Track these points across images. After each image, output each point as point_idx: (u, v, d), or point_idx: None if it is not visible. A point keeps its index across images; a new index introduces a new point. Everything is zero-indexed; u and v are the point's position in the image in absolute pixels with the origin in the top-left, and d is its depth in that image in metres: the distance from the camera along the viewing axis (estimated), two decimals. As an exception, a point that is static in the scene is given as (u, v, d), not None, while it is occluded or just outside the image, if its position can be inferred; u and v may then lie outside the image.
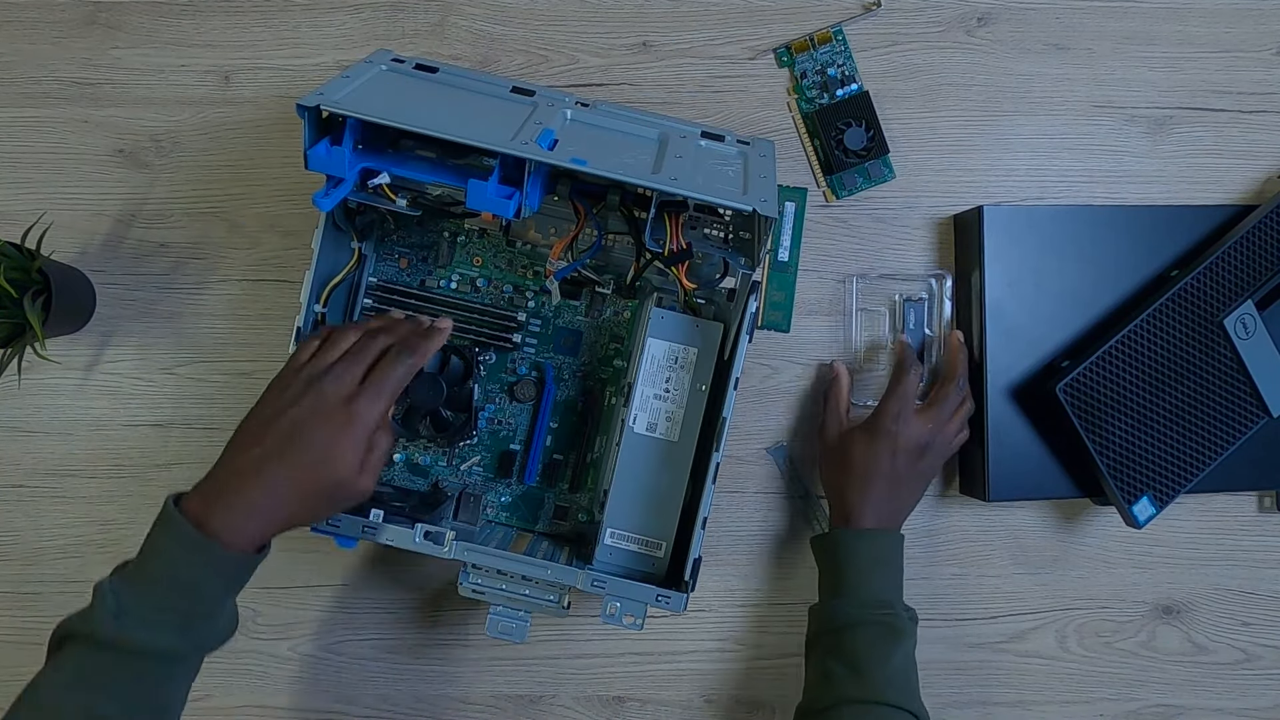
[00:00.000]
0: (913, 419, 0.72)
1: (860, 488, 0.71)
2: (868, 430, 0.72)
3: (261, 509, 0.57)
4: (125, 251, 0.79)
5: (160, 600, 0.56)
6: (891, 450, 0.71)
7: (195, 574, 0.56)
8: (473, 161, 0.64)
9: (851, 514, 0.71)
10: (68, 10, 0.79)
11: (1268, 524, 0.81)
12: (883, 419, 0.72)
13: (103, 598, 0.55)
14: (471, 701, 0.78)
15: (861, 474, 0.71)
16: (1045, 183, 0.81)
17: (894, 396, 0.72)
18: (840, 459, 0.73)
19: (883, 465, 0.71)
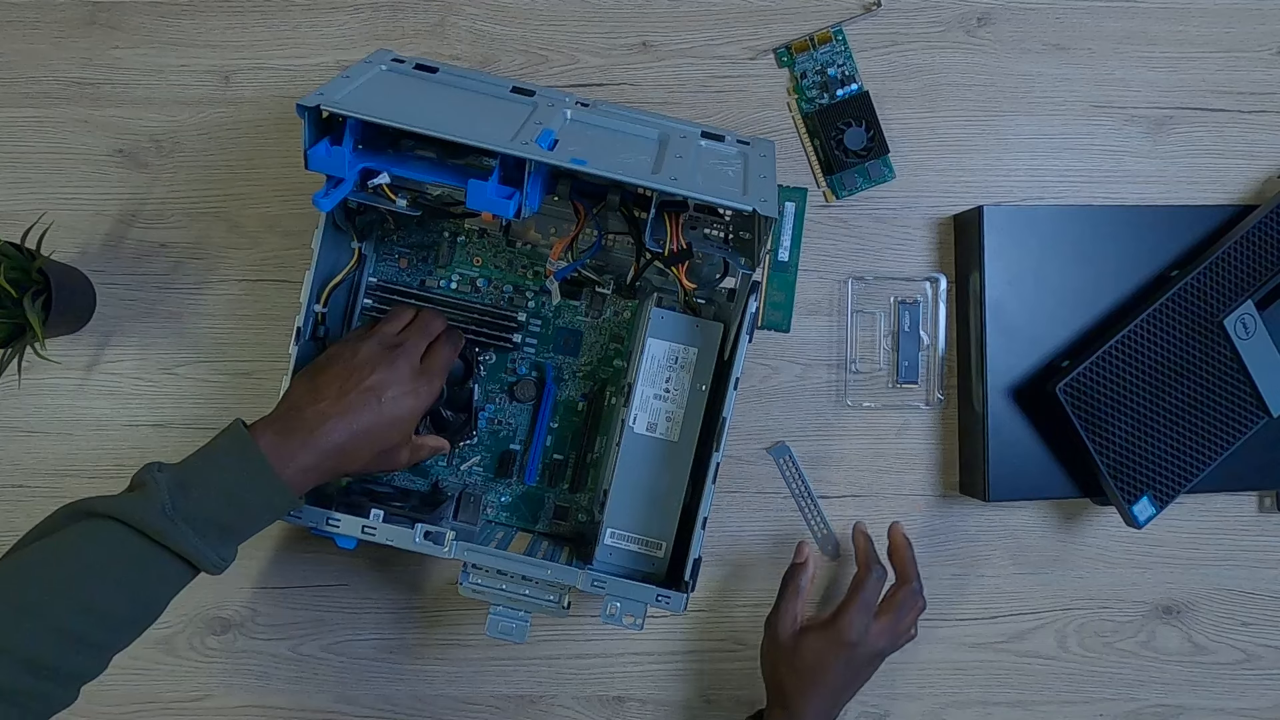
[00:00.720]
0: (874, 631, 0.70)
1: (807, 691, 0.69)
2: (826, 637, 0.69)
3: (329, 459, 0.61)
4: (125, 251, 0.79)
5: (215, 513, 0.57)
6: (848, 661, 0.69)
7: (255, 501, 0.59)
8: (473, 161, 0.64)
9: (793, 715, 0.69)
10: (68, 10, 0.79)
11: (1268, 524, 0.81)
12: (845, 630, 0.69)
13: (156, 490, 0.56)
14: (471, 701, 0.78)
15: (812, 679, 0.69)
16: (1045, 183, 0.81)
17: (857, 607, 0.70)
18: (790, 658, 0.70)
19: (836, 674, 0.69)
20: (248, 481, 0.58)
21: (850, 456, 0.80)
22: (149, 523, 0.55)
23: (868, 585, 0.70)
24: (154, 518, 0.55)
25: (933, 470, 0.80)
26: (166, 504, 0.55)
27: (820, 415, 0.80)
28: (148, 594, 0.57)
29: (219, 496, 0.57)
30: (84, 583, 0.54)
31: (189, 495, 0.57)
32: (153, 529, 0.55)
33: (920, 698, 0.80)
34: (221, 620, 0.78)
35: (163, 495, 0.56)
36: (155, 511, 0.55)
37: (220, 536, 0.58)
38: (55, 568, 0.54)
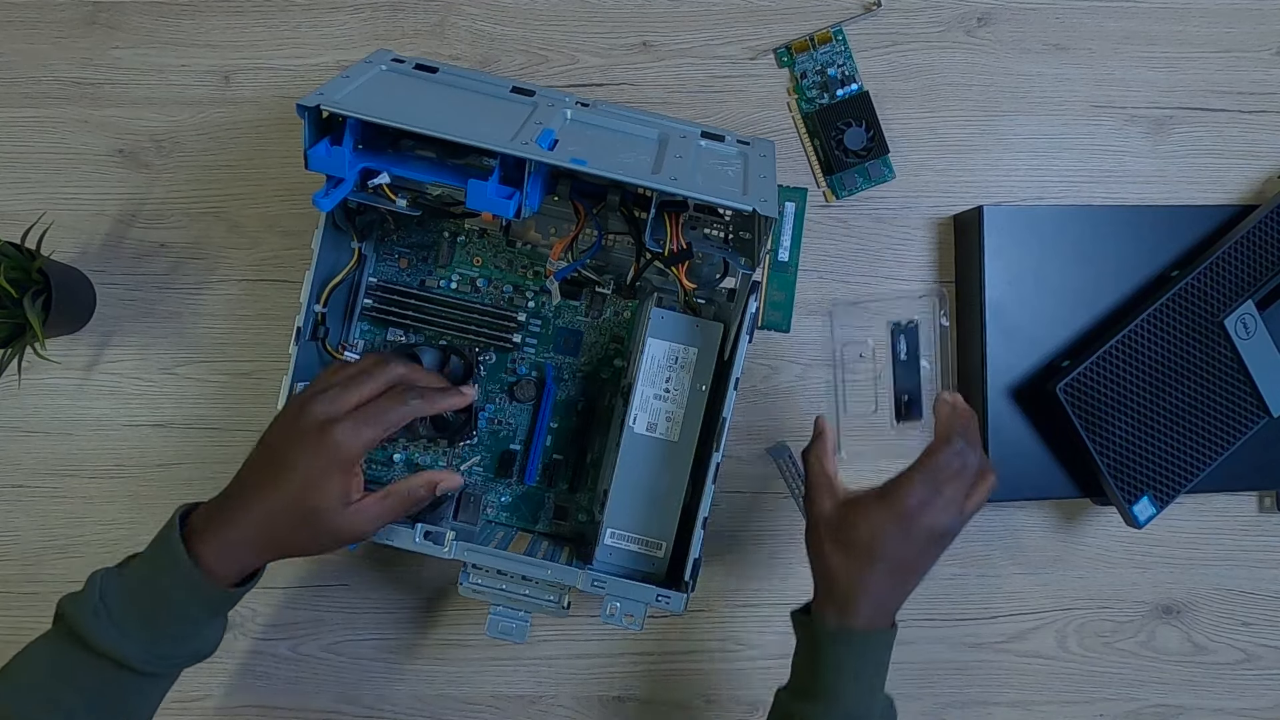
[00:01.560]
0: (939, 504, 0.59)
1: (862, 573, 0.59)
2: (884, 506, 0.60)
3: (247, 540, 0.57)
4: (125, 251, 0.79)
5: (140, 609, 0.55)
6: (908, 536, 0.59)
7: (176, 593, 0.56)
8: (473, 161, 0.64)
9: (846, 604, 0.60)
10: (68, 10, 0.79)
11: (1268, 524, 0.81)
12: (906, 497, 0.59)
13: (91, 589, 0.56)
14: (471, 701, 0.78)
15: (867, 557, 0.59)
16: (1045, 183, 0.81)
17: (924, 471, 0.60)
18: (835, 533, 0.61)
19: (896, 551, 0.59)
20: (170, 575, 0.55)
21: (850, 456, 0.80)
22: (77, 625, 0.55)
23: (942, 456, 0.60)
24: (83, 619, 0.55)
25: (933, 470, 0.80)
26: (93, 603, 0.55)
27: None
28: (95, 690, 0.55)
29: (144, 592, 0.55)
30: (35, 678, 0.56)
31: (119, 591, 0.56)
32: (80, 630, 0.54)
33: (920, 698, 0.80)
34: (221, 620, 0.78)
35: (93, 595, 0.55)
36: (86, 612, 0.55)
37: (145, 631, 0.55)
38: (16, 665, 0.56)
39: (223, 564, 0.56)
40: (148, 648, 0.55)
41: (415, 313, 0.75)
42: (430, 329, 0.76)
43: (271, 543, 0.57)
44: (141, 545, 0.78)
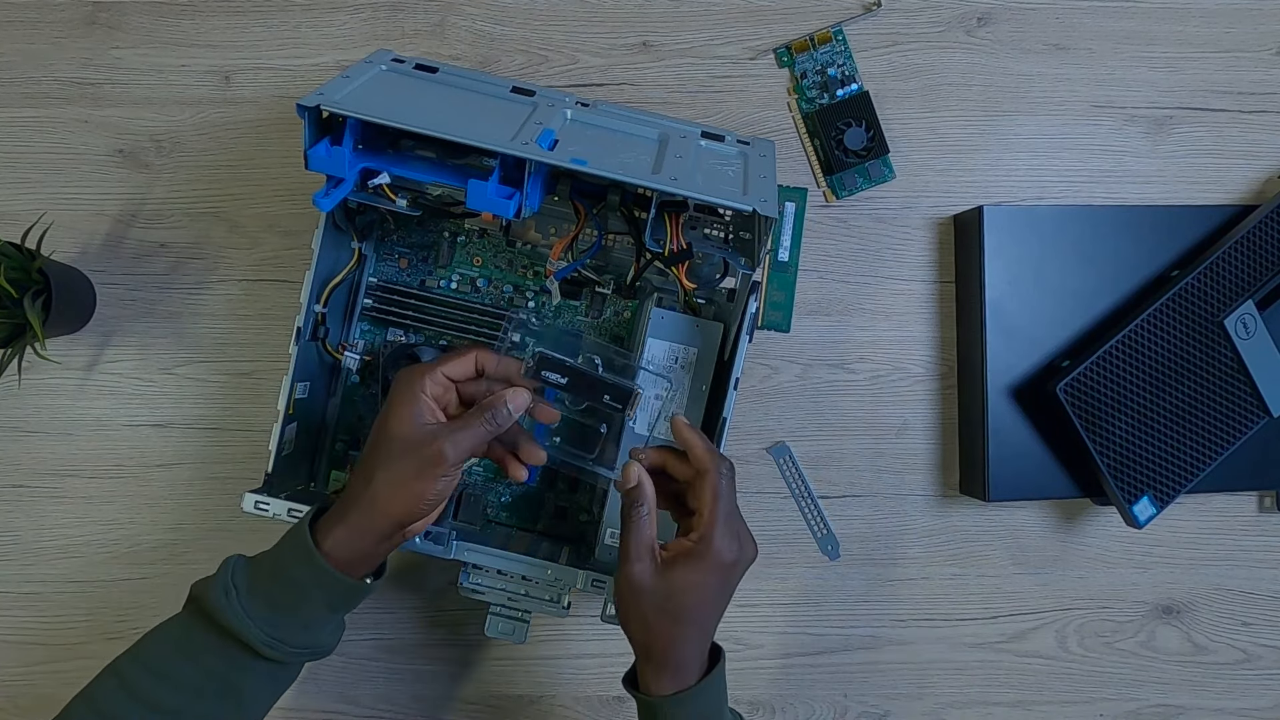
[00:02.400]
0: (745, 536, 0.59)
1: (686, 634, 0.58)
2: (701, 566, 0.57)
3: (359, 511, 0.57)
4: (125, 251, 0.79)
5: (264, 591, 0.57)
6: (726, 583, 0.58)
7: (299, 575, 0.57)
8: (473, 161, 0.64)
9: (679, 669, 0.58)
10: (68, 10, 0.79)
11: (1268, 524, 0.81)
12: (722, 551, 0.57)
13: (224, 572, 0.58)
14: (471, 701, 0.78)
15: (690, 619, 0.57)
16: (1045, 183, 0.81)
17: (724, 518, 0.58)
18: (667, 605, 0.57)
19: (714, 604, 0.58)
20: (295, 561, 0.57)
21: (850, 456, 0.80)
22: (208, 603, 0.57)
23: (724, 485, 0.58)
24: (213, 597, 0.57)
25: (933, 470, 0.80)
26: (224, 584, 0.57)
27: (820, 415, 0.80)
28: (217, 672, 0.57)
29: (272, 573, 0.58)
30: (159, 650, 0.58)
31: (248, 574, 0.58)
32: (210, 608, 0.57)
33: (920, 698, 0.80)
34: (221, 620, 0.78)
35: (225, 576, 0.57)
36: (218, 592, 0.57)
37: (268, 613, 0.57)
38: (145, 641, 0.58)
39: (339, 547, 0.57)
40: (269, 630, 0.56)
41: (415, 313, 0.75)
42: (430, 329, 0.76)
43: (374, 508, 0.57)
44: (141, 545, 0.78)
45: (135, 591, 0.78)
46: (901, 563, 0.80)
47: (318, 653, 0.60)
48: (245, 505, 0.66)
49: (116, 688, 0.57)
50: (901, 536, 0.80)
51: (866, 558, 0.80)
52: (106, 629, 0.78)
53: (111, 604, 0.78)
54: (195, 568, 0.78)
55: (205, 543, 0.78)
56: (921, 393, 0.80)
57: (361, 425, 0.76)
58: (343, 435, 0.76)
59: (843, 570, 0.80)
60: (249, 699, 0.58)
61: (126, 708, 0.56)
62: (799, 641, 0.79)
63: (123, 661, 0.58)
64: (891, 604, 0.80)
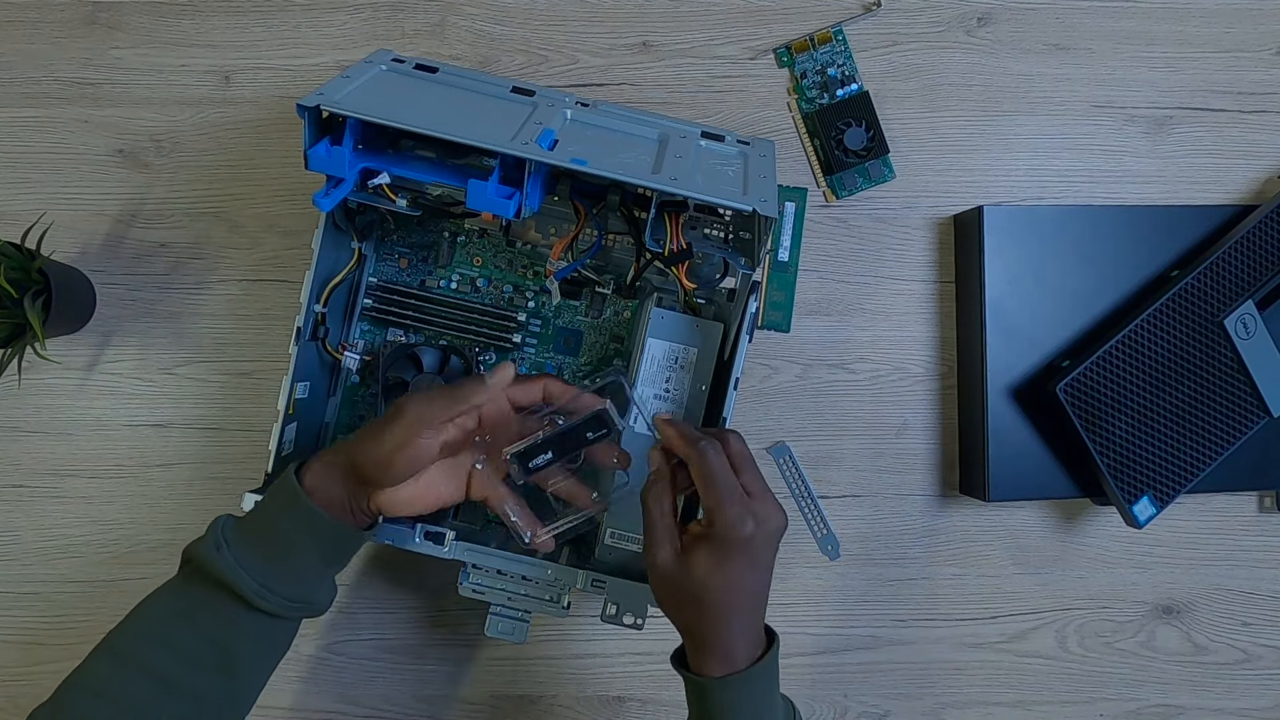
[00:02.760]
0: (759, 509, 0.57)
1: (725, 617, 0.57)
2: (716, 549, 0.56)
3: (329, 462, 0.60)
4: (125, 251, 0.79)
5: (255, 539, 0.58)
6: (751, 559, 0.57)
7: (288, 527, 0.58)
8: (473, 161, 0.64)
9: (725, 653, 0.57)
10: (68, 10, 0.79)
11: (1268, 524, 0.81)
12: (732, 528, 0.56)
13: (213, 529, 0.59)
14: (471, 701, 0.78)
15: (723, 606, 0.56)
16: (1045, 183, 0.81)
17: (724, 496, 0.56)
18: (692, 590, 0.57)
19: (746, 584, 0.57)
20: (278, 501, 0.59)
21: (850, 456, 0.80)
22: (200, 559, 0.57)
23: (712, 465, 0.57)
24: (206, 554, 0.57)
25: (933, 470, 0.80)
26: (215, 540, 0.58)
27: (820, 415, 0.80)
28: (212, 634, 0.57)
29: (260, 523, 0.59)
30: (151, 615, 0.58)
31: (238, 529, 0.59)
32: (202, 564, 0.57)
33: (920, 698, 0.80)
34: (221, 620, 0.78)
35: (215, 533, 0.58)
36: (210, 548, 0.57)
37: (259, 562, 0.57)
38: (137, 610, 0.59)
39: (316, 487, 0.59)
40: (261, 580, 0.57)
41: (415, 313, 0.75)
42: (430, 329, 0.76)
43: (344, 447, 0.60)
44: (141, 545, 0.78)
45: (135, 591, 0.77)
46: (901, 563, 0.80)
47: (311, 608, 0.60)
48: (245, 505, 0.66)
49: (109, 661, 0.56)
50: (901, 536, 0.80)
51: (866, 558, 0.80)
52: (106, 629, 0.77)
53: (111, 604, 0.78)
54: (195, 568, 0.78)
55: (205, 543, 0.78)
56: (921, 393, 0.80)
57: (361, 425, 0.76)
58: (342, 435, 0.76)
59: (843, 570, 0.80)
60: (244, 667, 0.58)
61: (122, 679, 0.56)
62: (799, 641, 0.79)
63: (114, 634, 0.58)
64: (891, 604, 0.80)
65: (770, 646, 0.59)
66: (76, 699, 0.56)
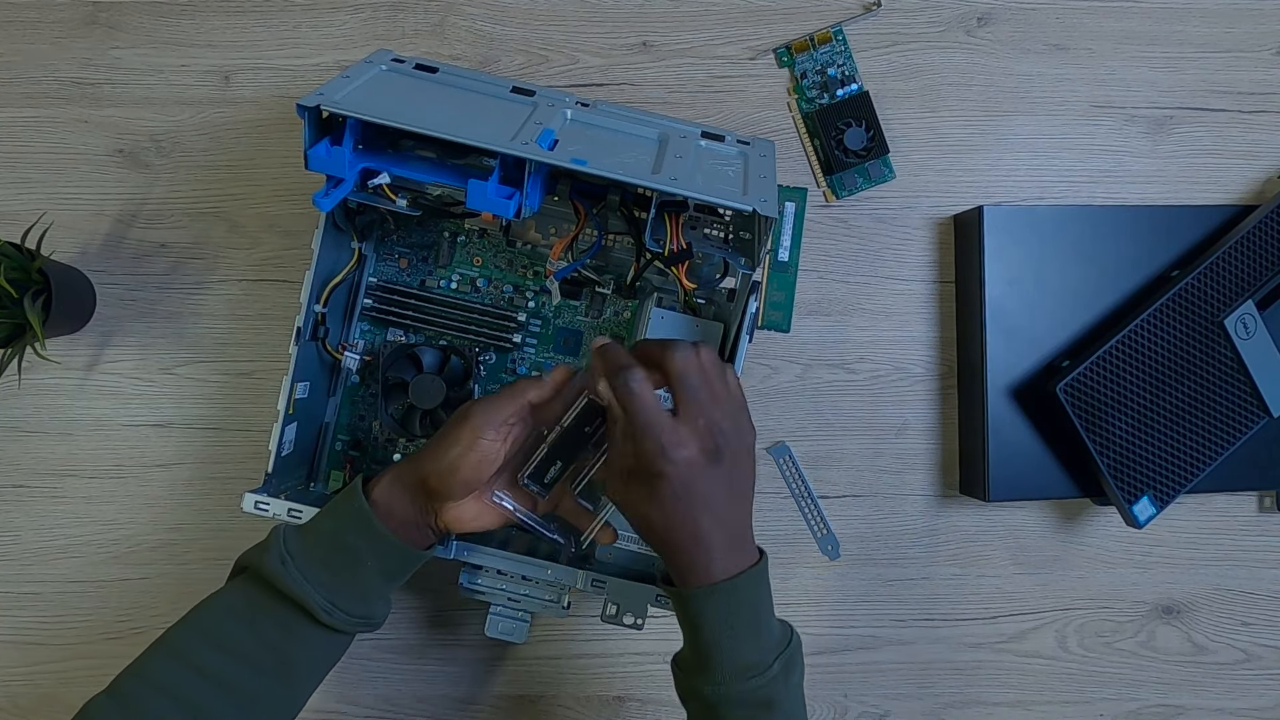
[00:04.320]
0: (678, 438, 0.54)
1: (681, 541, 0.55)
2: (639, 483, 0.54)
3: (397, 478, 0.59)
4: (125, 251, 0.79)
5: (322, 556, 0.57)
6: (682, 487, 0.54)
7: (356, 544, 0.58)
8: (473, 161, 0.64)
9: (694, 566, 0.55)
10: (68, 10, 0.79)
11: (1268, 524, 0.81)
12: (645, 463, 0.54)
13: (275, 540, 0.58)
14: (471, 701, 0.78)
15: (666, 529, 0.55)
16: (1045, 183, 0.81)
17: (636, 427, 0.54)
18: (633, 521, 0.57)
19: (682, 509, 0.54)
20: (346, 519, 0.58)
21: (850, 456, 0.80)
22: (264, 569, 0.57)
23: (631, 396, 0.54)
24: (269, 563, 0.57)
25: (933, 470, 0.80)
26: (279, 550, 0.57)
27: (820, 415, 0.80)
28: (272, 641, 0.57)
29: (326, 538, 0.58)
30: (214, 620, 0.58)
31: (301, 539, 0.58)
32: (267, 573, 0.57)
33: (920, 698, 0.80)
34: (221, 620, 0.78)
35: (278, 543, 0.58)
36: (273, 558, 0.57)
37: (327, 578, 0.57)
38: (197, 611, 0.58)
39: (382, 505, 0.58)
40: (329, 596, 0.57)
41: (415, 313, 0.75)
42: (430, 329, 0.76)
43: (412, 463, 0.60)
44: (141, 545, 0.78)
45: (135, 591, 0.78)
46: (901, 563, 0.80)
47: (370, 624, 0.60)
48: (245, 505, 0.66)
49: (169, 658, 0.56)
50: (901, 536, 0.80)
51: (866, 558, 0.80)
52: (106, 629, 0.78)
53: (111, 604, 0.78)
54: (195, 568, 0.78)
55: (205, 543, 0.78)
56: (921, 393, 0.80)
57: (361, 425, 0.76)
58: (342, 435, 0.76)
59: (843, 570, 0.80)
60: (301, 675, 0.58)
61: (180, 677, 0.55)
62: (799, 641, 0.79)
63: (174, 632, 0.58)
64: (891, 604, 0.80)
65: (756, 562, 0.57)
66: (137, 691, 0.55)
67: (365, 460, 0.76)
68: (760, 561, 0.58)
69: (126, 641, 0.77)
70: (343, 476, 0.76)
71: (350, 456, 0.76)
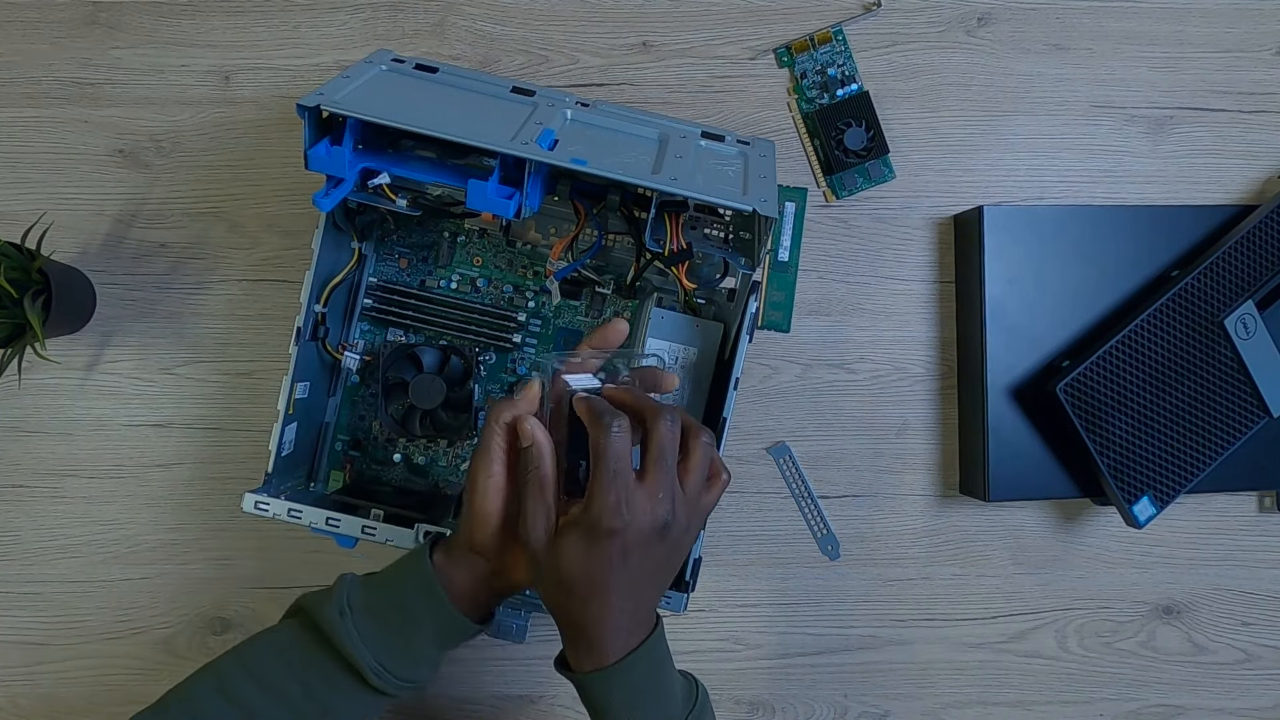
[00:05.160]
0: (638, 500, 0.53)
1: (592, 612, 0.53)
2: (582, 534, 0.53)
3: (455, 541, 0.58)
4: (125, 251, 0.79)
5: (380, 617, 0.56)
6: (621, 552, 0.52)
7: (416, 608, 0.57)
8: (473, 161, 0.64)
9: (592, 646, 0.54)
10: (68, 10, 0.79)
11: (1268, 524, 0.81)
12: (601, 516, 0.52)
13: (339, 591, 0.57)
14: (471, 701, 0.78)
15: (587, 594, 0.53)
16: (1045, 183, 0.81)
17: (604, 479, 0.52)
18: (555, 576, 0.54)
19: (614, 576, 0.53)
20: (410, 579, 0.57)
21: (850, 456, 0.80)
22: (323, 622, 0.56)
23: (608, 446, 0.53)
24: (328, 616, 0.56)
25: (933, 470, 0.80)
26: (340, 602, 0.56)
27: (820, 415, 0.80)
28: (317, 692, 0.56)
29: (387, 597, 0.57)
30: (263, 660, 0.57)
31: (364, 595, 0.57)
32: (325, 624, 0.56)
33: (920, 698, 0.80)
34: (221, 620, 0.78)
35: (341, 595, 0.57)
36: (332, 611, 0.56)
37: (384, 641, 0.56)
38: (250, 646, 0.58)
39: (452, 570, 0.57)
40: (380, 658, 0.56)
41: (415, 313, 0.75)
42: (430, 329, 0.76)
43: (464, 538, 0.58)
44: (141, 545, 0.78)
45: (135, 591, 0.78)
46: (901, 563, 0.80)
47: (415, 687, 0.59)
48: (245, 505, 0.66)
49: (215, 690, 0.56)
50: (901, 536, 0.80)
51: (866, 558, 0.80)
52: (106, 629, 0.78)
53: (111, 604, 0.78)
54: (195, 567, 0.78)
55: (205, 543, 0.78)
56: (921, 393, 0.80)
57: (361, 425, 0.76)
58: (342, 435, 0.76)
59: (843, 570, 0.80)
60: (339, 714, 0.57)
61: (221, 711, 0.56)
62: (799, 641, 0.79)
63: (223, 663, 0.58)
64: (891, 604, 0.80)
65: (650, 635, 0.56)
66: (178, 713, 0.56)
67: (365, 460, 0.76)
68: (656, 628, 0.56)
69: (126, 641, 0.77)
70: (343, 476, 0.76)
71: (350, 456, 0.76)
